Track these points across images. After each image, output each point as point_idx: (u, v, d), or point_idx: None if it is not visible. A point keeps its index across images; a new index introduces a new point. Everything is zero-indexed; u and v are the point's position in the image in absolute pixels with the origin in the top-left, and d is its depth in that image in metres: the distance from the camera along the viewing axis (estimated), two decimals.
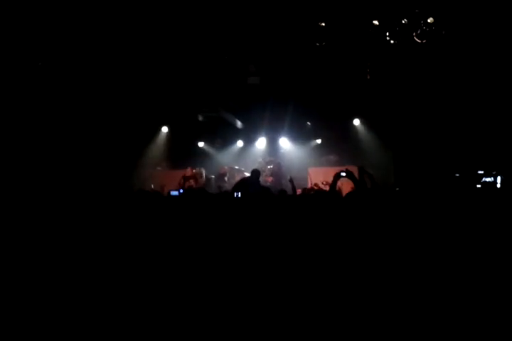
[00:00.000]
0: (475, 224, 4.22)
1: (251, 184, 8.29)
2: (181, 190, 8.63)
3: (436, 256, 3.84)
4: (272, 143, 13.77)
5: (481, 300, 3.27)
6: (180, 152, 13.35)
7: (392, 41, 8.50)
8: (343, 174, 5.20)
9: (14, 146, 9.33)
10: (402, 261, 3.80)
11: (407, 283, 3.51)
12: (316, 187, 9.72)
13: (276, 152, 13.47)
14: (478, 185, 8.00)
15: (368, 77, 10.18)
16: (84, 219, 4.91)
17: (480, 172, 8.55)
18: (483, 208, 4.46)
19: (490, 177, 8.21)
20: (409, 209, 4.77)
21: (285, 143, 13.68)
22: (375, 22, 8.38)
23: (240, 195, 6.55)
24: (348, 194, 4.90)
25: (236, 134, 13.90)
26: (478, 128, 9.95)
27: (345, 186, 9.32)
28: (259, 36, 8.98)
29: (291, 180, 8.38)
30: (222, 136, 13.80)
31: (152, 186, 11.01)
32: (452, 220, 4.38)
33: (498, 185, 8.16)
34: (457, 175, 8.85)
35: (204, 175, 12.11)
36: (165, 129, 13.60)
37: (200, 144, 13.86)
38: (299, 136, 13.49)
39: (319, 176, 11.08)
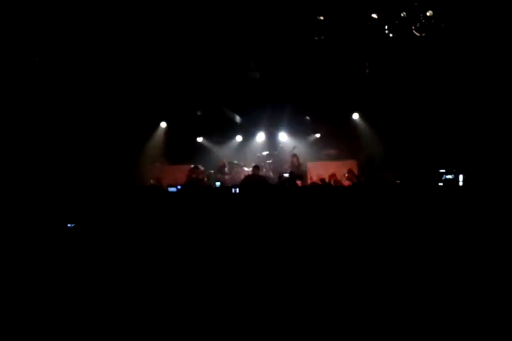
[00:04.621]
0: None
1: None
2: (179, 186, 8.58)
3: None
4: (271, 138, 13.74)
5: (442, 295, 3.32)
6: (179, 147, 13.32)
7: (391, 35, 8.46)
8: None
9: (12, 144, 9.29)
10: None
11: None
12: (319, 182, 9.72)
13: (275, 146, 13.44)
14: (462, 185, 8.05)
15: (367, 71, 10.15)
16: (84, 214, 4.91)
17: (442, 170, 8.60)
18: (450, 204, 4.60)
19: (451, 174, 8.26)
20: (406, 203, 4.82)
21: (284, 138, 13.65)
22: (374, 15, 8.33)
23: (237, 191, 6.56)
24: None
25: (235, 129, 13.85)
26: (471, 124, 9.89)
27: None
28: (258, 31, 8.93)
29: (291, 174, 8.55)
30: (221, 130, 13.76)
31: (151, 181, 11.00)
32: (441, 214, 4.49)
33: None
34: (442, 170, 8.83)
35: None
36: (163, 124, 13.56)
37: (199, 139, 13.83)
38: (298, 130, 13.46)
39: (319, 170, 11.06)
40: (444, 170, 8.63)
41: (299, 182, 9.68)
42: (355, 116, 13.09)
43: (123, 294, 3.45)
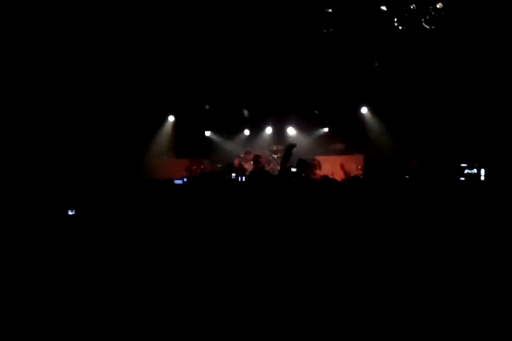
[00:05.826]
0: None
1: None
2: (185, 179, 8.60)
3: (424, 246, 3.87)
4: (279, 132, 13.70)
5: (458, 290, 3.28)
6: (187, 141, 13.33)
7: (400, 27, 8.38)
8: None
9: (20, 137, 9.33)
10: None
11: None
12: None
13: (283, 141, 13.40)
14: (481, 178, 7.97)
15: (376, 64, 10.08)
16: (92, 209, 4.91)
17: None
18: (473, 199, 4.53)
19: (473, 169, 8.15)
20: (426, 198, 4.77)
21: (292, 132, 13.61)
22: (383, 8, 8.26)
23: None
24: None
25: (243, 123, 13.84)
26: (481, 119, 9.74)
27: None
28: (266, 24, 8.89)
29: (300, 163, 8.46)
30: (229, 124, 13.74)
31: (159, 175, 11.01)
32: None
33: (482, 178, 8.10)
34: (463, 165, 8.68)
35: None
36: (171, 118, 13.58)
37: (207, 133, 13.83)
38: (306, 124, 13.41)
39: (326, 165, 11.00)
40: (465, 165, 8.50)
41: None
42: (364, 109, 13.00)
43: (124, 288, 3.43)
